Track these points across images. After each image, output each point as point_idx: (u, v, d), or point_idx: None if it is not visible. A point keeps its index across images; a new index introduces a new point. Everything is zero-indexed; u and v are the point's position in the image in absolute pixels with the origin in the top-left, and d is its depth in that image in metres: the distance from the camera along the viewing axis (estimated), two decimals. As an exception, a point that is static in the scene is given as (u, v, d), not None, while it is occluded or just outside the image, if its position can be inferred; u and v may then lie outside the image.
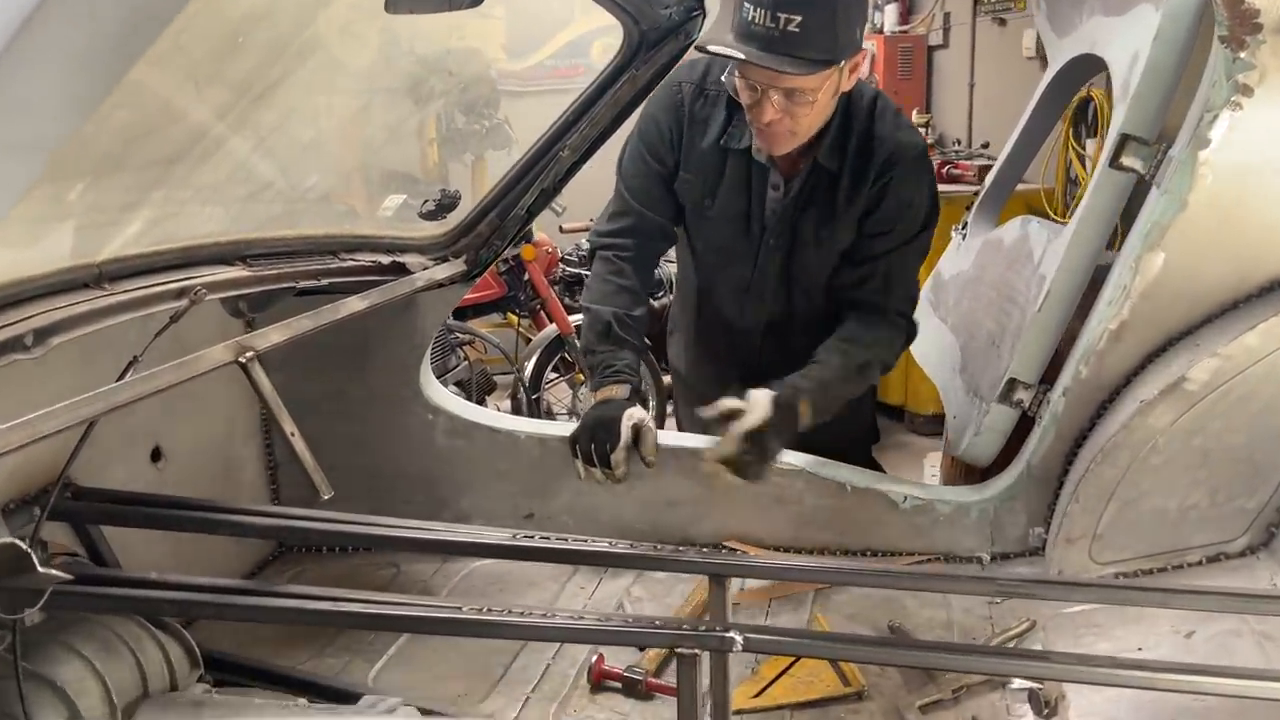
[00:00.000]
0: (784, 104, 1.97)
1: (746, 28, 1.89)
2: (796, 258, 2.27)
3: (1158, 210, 1.94)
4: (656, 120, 2.22)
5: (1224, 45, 1.81)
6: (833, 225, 2.20)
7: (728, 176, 2.23)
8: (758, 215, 2.25)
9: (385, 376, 2.35)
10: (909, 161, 2.14)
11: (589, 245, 2.40)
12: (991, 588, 1.42)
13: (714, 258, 2.38)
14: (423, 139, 5.39)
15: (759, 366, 2.43)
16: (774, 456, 2.01)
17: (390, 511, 2.41)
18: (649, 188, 2.27)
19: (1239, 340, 1.89)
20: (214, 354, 1.47)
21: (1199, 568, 2.05)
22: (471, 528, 1.62)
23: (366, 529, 1.58)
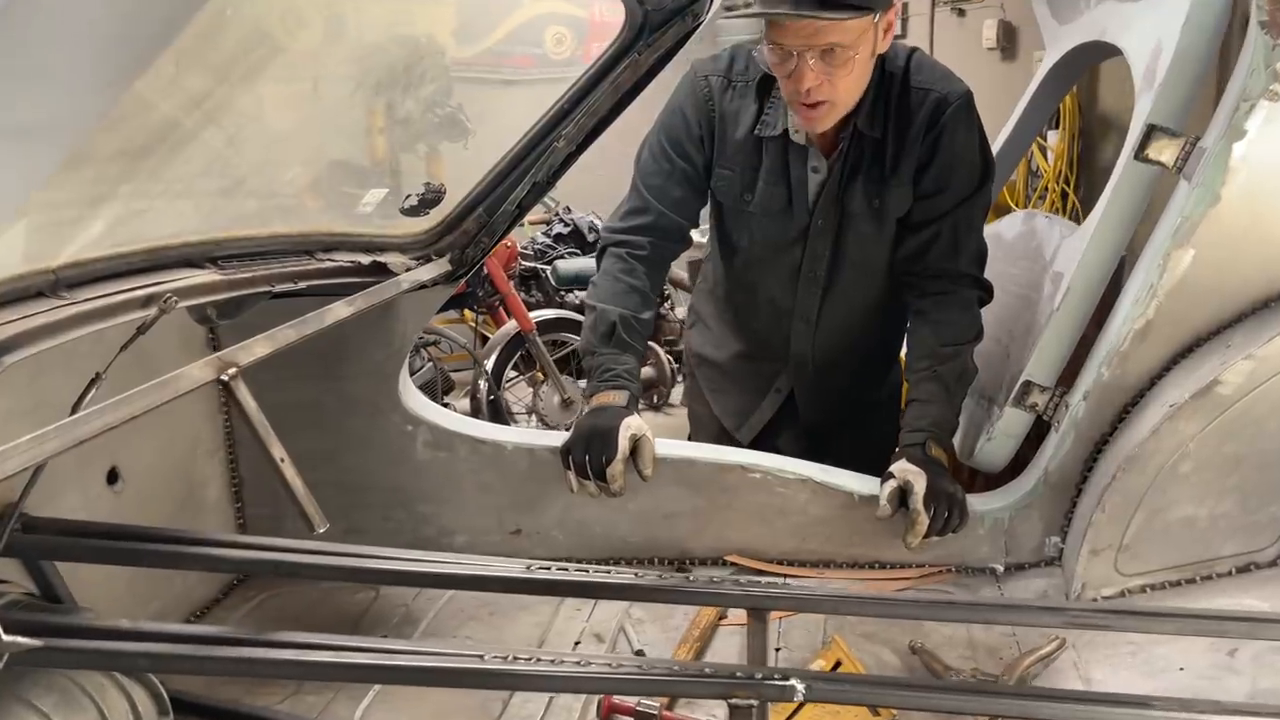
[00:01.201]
0: (822, 67, 1.89)
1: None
2: (848, 233, 2.20)
3: (1189, 204, 1.84)
4: (684, 115, 2.15)
5: (1263, 31, 1.72)
6: (885, 191, 2.13)
7: (765, 167, 2.16)
8: (801, 200, 2.17)
9: (362, 385, 2.18)
10: (955, 110, 2.07)
11: (600, 241, 2.27)
12: (1063, 619, 1.30)
13: (760, 250, 2.29)
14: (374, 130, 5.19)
15: (813, 352, 2.38)
16: (960, 493, 2.03)
17: (368, 528, 2.28)
18: (671, 187, 2.18)
19: (1275, 341, 1.81)
20: (193, 372, 1.29)
21: (1229, 579, 1.96)
22: (477, 559, 1.46)
23: (355, 561, 1.41)
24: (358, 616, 2.08)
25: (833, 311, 2.31)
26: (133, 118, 1.29)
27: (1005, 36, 5.98)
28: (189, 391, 1.27)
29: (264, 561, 1.43)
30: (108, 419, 1.16)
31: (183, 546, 1.46)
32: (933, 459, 2.05)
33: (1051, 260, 2.23)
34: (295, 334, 1.52)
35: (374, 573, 1.43)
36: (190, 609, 2.07)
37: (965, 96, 2.10)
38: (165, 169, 1.48)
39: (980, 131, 2.15)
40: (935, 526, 1.99)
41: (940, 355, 2.13)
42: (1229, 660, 1.72)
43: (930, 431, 2.08)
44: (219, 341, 2.06)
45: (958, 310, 2.17)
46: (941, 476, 2.02)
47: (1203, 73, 1.93)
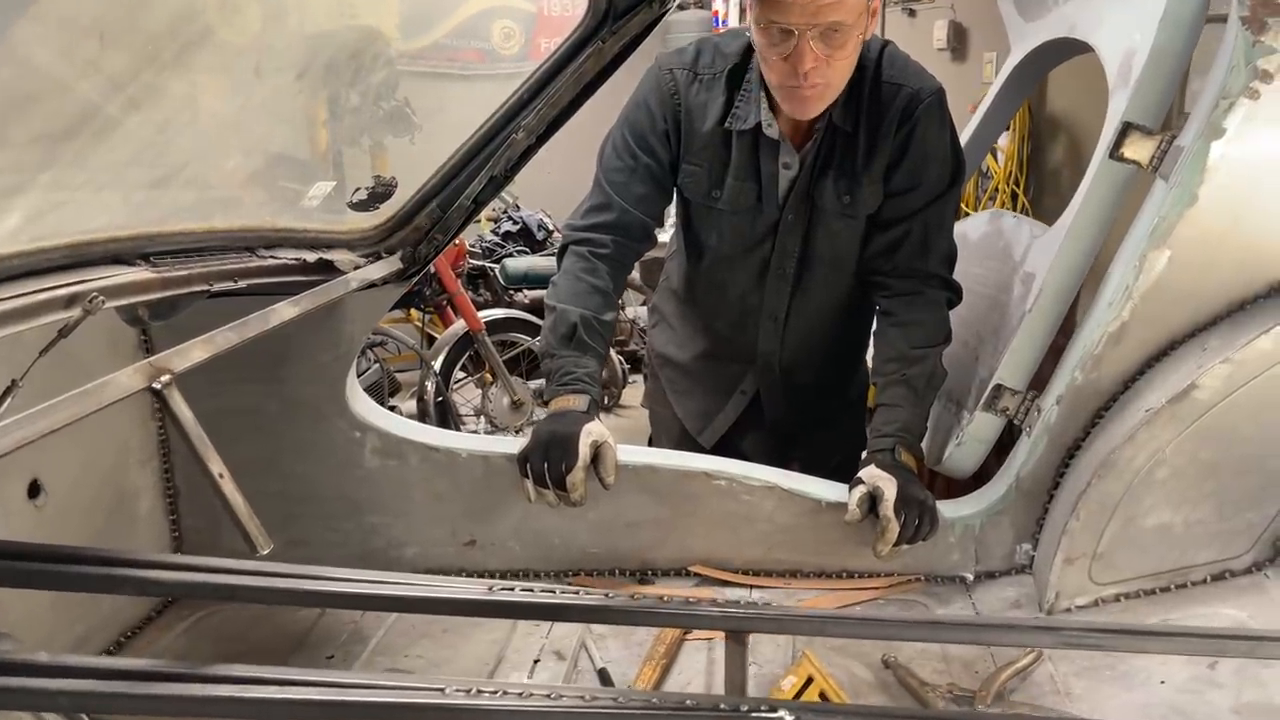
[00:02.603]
0: (821, 48, 1.83)
1: None
2: (818, 229, 2.15)
3: (1165, 205, 1.80)
4: (649, 109, 2.08)
5: (1244, 26, 1.68)
6: (856, 187, 2.08)
7: (734, 162, 2.09)
8: (771, 196, 2.12)
9: (306, 389, 2.06)
10: (928, 107, 2.03)
11: (561, 239, 2.18)
12: (1056, 639, 1.24)
13: (728, 248, 2.21)
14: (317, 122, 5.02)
15: (781, 351, 2.32)
16: (930, 500, 1.99)
17: (313, 540, 2.15)
18: (633, 183, 2.10)
19: (1252, 344, 1.77)
20: (122, 380, 1.17)
21: (1203, 587, 1.93)
22: (433, 580, 1.36)
23: (299, 583, 1.29)
24: (302, 635, 1.97)
25: (802, 309, 2.25)
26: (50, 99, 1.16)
27: (956, 37, 6.00)
28: (117, 401, 1.15)
29: (199, 584, 1.30)
30: (25, 432, 1.04)
31: (110, 568, 1.33)
32: (902, 465, 2.01)
33: (1021, 261, 2.18)
34: (236, 337, 1.40)
35: (320, 595, 1.31)
36: (121, 629, 1.94)
37: (938, 93, 2.06)
38: (90, 157, 1.35)
39: (952, 129, 2.11)
40: (906, 534, 1.94)
41: (909, 358, 2.09)
42: (1210, 673, 1.68)
43: (899, 436, 2.04)
44: (153, 344, 1.92)
45: (927, 311, 2.13)
46: (912, 483, 1.98)
47: (1180, 69, 1.89)
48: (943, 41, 6.02)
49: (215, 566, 1.34)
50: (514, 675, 1.83)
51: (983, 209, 5.70)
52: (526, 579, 2.17)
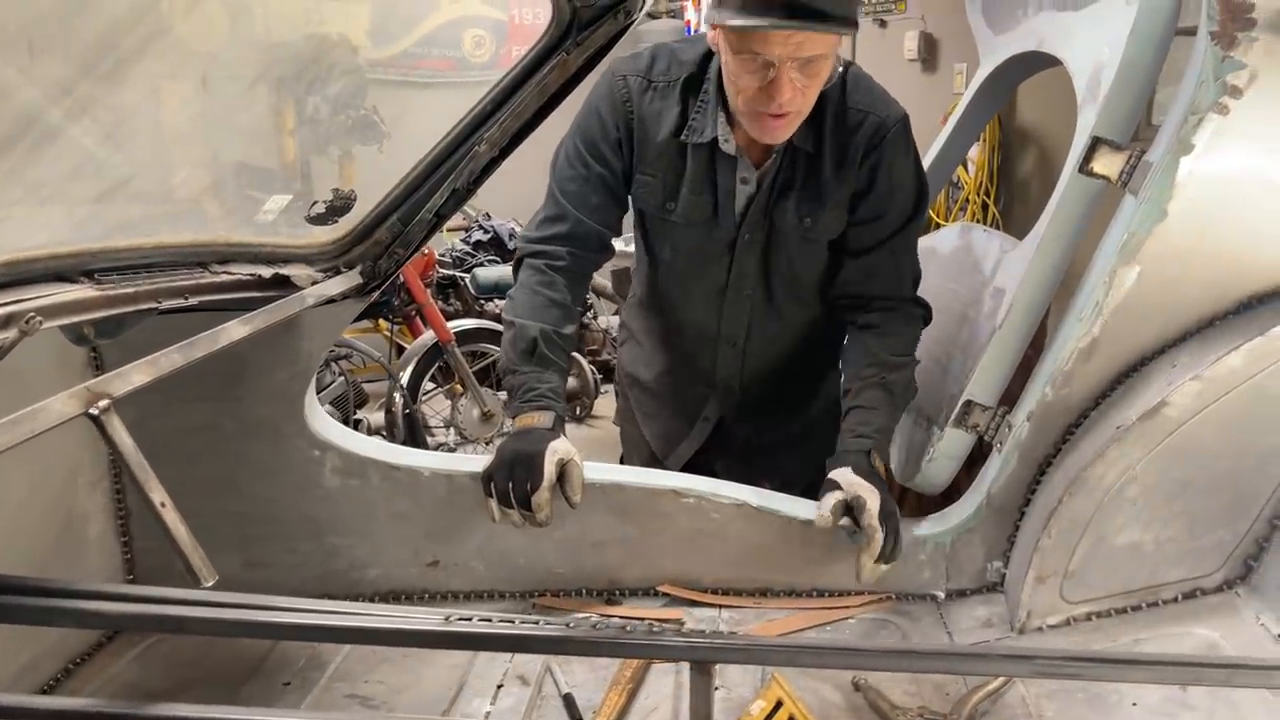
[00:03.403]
0: (800, 78, 1.80)
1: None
2: (777, 250, 2.10)
3: (1135, 220, 1.79)
4: (601, 117, 2.01)
5: (1213, 42, 1.67)
6: (819, 210, 2.04)
7: (690, 174, 2.03)
8: (728, 211, 2.06)
9: (264, 407, 2.00)
10: (894, 136, 2.00)
11: (516, 251, 2.13)
12: (1028, 668, 1.21)
13: (684, 264, 2.16)
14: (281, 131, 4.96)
15: (741, 376, 2.27)
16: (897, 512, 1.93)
17: (272, 562, 2.10)
18: (587, 192, 2.04)
19: (1222, 361, 1.75)
20: (55, 407, 1.12)
21: (1174, 605, 1.91)
22: (390, 609, 1.31)
23: (251, 614, 1.24)
24: (258, 661, 1.91)
25: (762, 334, 2.21)
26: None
27: (926, 48, 6.03)
28: (50, 429, 1.10)
29: (146, 616, 1.25)
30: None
31: (50, 599, 1.27)
32: (877, 472, 1.96)
33: (992, 276, 2.17)
34: (182, 358, 1.35)
35: (269, 626, 1.26)
36: (69, 657, 1.87)
37: (902, 120, 2.03)
38: (27, 170, 1.30)
39: (916, 156, 2.09)
40: (885, 550, 1.87)
41: (889, 364, 2.05)
42: (1182, 695, 1.66)
43: (874, 439, 1.99)
44: (103, 362, 1.87)
45: (905, 325, 2.11)
46: (888, 494, 1.92)
47: (1149, 85, 1.88)
48: (914, 52, 6.04)
49: (161, 597, 1.29)
50: (476, 702, 1.78)
51: (953, 219, 5.71)
52: (491, 600, 2.13)
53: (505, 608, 2.11)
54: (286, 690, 1.84)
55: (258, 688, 1.85)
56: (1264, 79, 1.67)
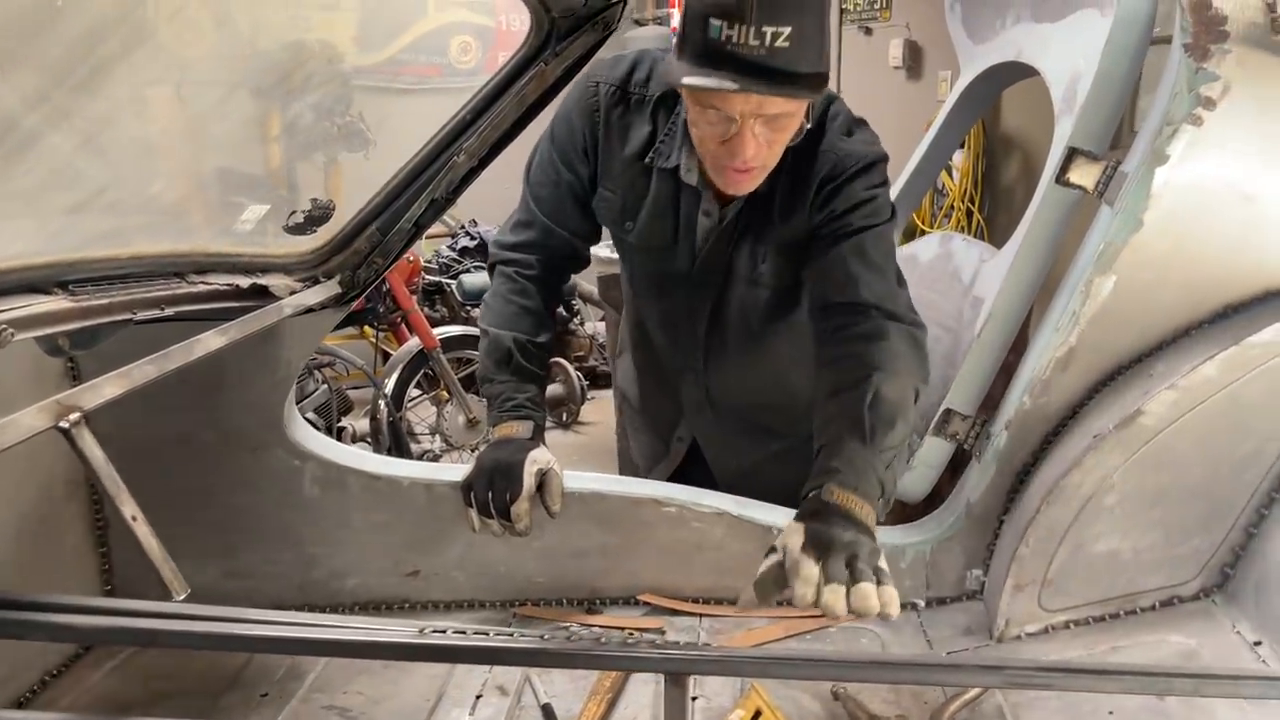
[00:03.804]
0: (765, 134, 1.68)
1: (720, 49, 1.55)
2: (730, 294, 2.01)
3: (1111, 230, 1.80)
4: (570, 123, 1.94)
5: (1187, 54, 1.68)
6: (766, 256, 1.93)
7: (651, 198, 1.94)
8: (686, 244, 1.97)
9: (243, 417, 2.00)
10: (854, 171, 1.82)
11: (489, 255, 2.11)
12: (1002, 679, 1.21)
13: (643, 285, 2.13)
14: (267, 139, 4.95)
15: (707, 403, 2.21)
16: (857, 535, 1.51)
17: (251, 572, 2.09)
18: (559, 199, 1.99)
19: (1198, 370, 1.76)
20: (25, 420, 1.12)
21: (1152, 613, 1.92)
22: (364, 621, 1.31)
23: (225, 627, 1.24)
24: (236, 672, 1.90)
25: (719, 364, 2.13)
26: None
27: (911, 56, 6.05)
28: (20, 443, 1.09)
29: (119, 630, 1.25)
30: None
31: (24, 613, 1.27)
32: (829, 504, 1.57)
33: (971, 284, 2.18)
34: (155, 370, 1.35)
35: (246, 640, 1.26)
36: (45, 669, 1.87)
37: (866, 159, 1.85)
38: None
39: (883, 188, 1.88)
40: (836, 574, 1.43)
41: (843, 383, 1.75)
42: (1158, 703, 1.66)
43: (825, 476, 1.61)
44: (80, 373, 1.86)
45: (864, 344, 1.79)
46: (832, 523, 1.52)
47: (1124, 96, 1.89)
48: (898, 60, 6.06)
49: (134, 610, 1.29)
50: (455, 712, 1.78)
51: (939, 226, 5.73)
52: (472, 609, 2.13)
53: (486, 617, 2.10)
54: (264, 702, 1.83)
55: (236, 699, 1.84)
56: (1237, 90, 1.68)
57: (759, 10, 1.51)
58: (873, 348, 1.75)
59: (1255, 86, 1.69)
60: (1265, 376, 1.75)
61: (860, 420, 1.66)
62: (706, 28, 1.54)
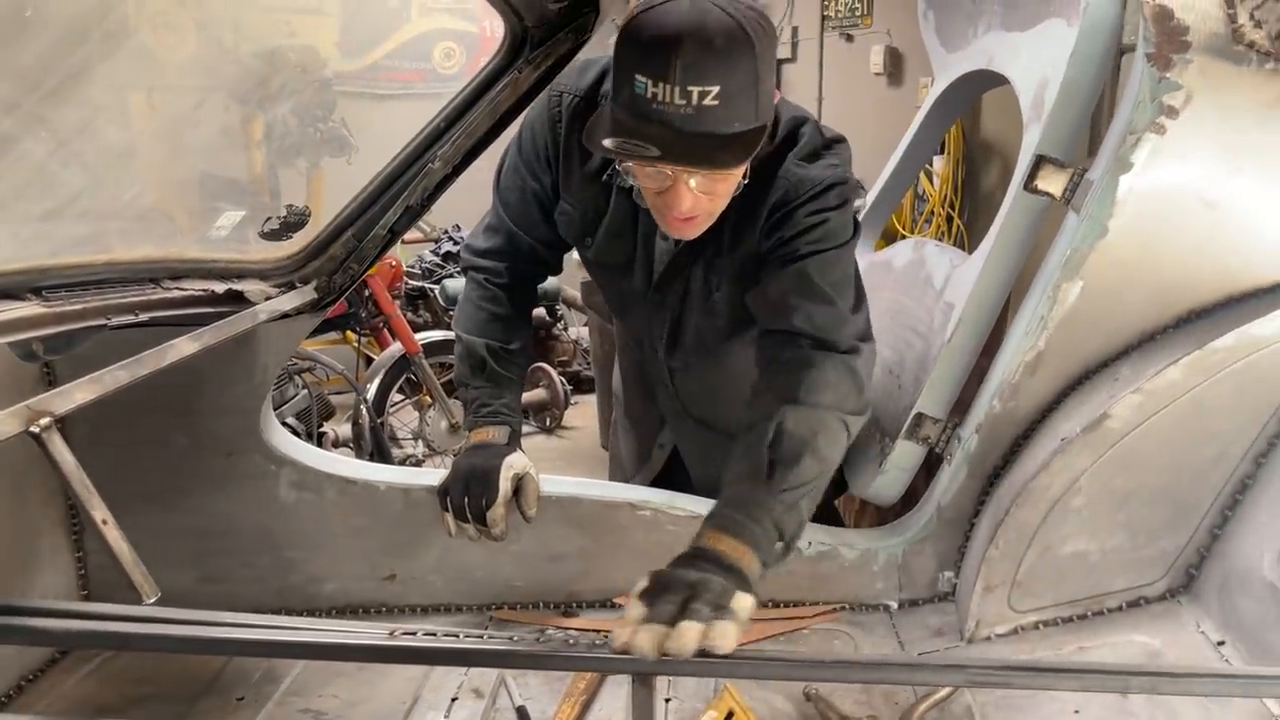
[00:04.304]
0: (705, 184, 1.60)
1: (646, 107, 1.47)
2: (687, 316, 1.98)
3: (1077, 237, 1.83)
4: (534, 132, 1.89)
5: (1149, 64, 1.71)
6: (721, 283, 1.89)
7: (610, 216, 1.89)
8: (644, 265, 1.93)
9: (220, 422, 2.01)
10: (806, 197, 1.73)
11: (460, 264, 2.12)
12: (964, 677, 1.24)
13: (608, 298, 2.15)
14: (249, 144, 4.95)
15: (682, 414, 2.22)
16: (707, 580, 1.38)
17: (227, 576, 2.10)
18: (525, 207, 1.96)
19: (1162, 375, 1.79)
20: (-5, 424, 1.13)
21: (1119, 613, 1.95)
22: (337, 624, 1.33)
23: (198, 630, 1.25)
24: (213, 676, 1.91)
25: (684, 382, 2.13)
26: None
27: (892, 63, 6.08)
28: (-10, 447, 1.11)
29: (93, 634, 1.26)
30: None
31: (9, 617, 1.28)
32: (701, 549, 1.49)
33: (942, 290, 2.20)
34: (127, 375, 1.36)
35: (220, 643, 1.27)
36: (22, 674, 1.87)
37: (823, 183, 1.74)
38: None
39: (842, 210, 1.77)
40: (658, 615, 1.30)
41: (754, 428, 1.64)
42: (1122, 701, 1.69)
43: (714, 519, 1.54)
44: (55, 378, 1.87)
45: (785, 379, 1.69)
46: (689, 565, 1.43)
47: (1090, 104, 1.92)
48: (879, 67, 6.09)
49: (107, 614, 1.29)
50: (431, 715, 1.79)
51: (919, 231, 5.77)
52: (449, 613, 2.14)
53: (463, 621, 2.11)
54: (240, 705, 1.84)
55: (212, 703, 1.85)
56: (1199, 100, 1.72)
57: (684, 71, 1.43)
58: (792, 379, 1.67)
59: (1217, 95, 1.72)
60: (1228, 380, 1.78)
61: (759, 461, 1.58)
62: (633, 83, 1.47)
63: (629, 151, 1.50)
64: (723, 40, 1.45)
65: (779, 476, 1.57)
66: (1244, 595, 1.81)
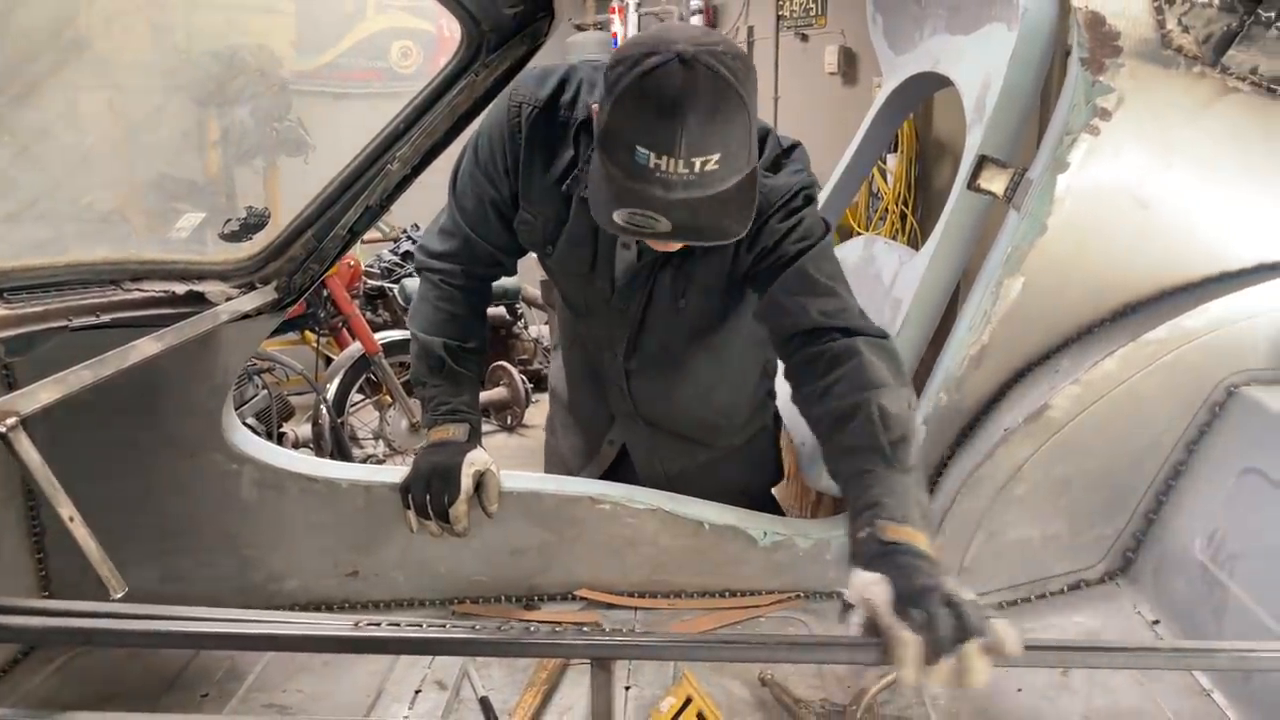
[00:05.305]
0: None
1: (648, 175, 1.49)
2: (651, 324, 2.02)
3: (1018, 234, 1.90)
4: (492, 141, 1.90)
5: (1084, 68, 1.78)
6: (687, 290, 1.94)
7: (571, 224, 1.91)
8: (605, 273, 1.96)
9: (181, 422, 2.02)
10: (780, 204, 1.79)
11: (415, 264, 2.14)
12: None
13: (568, 302, 2.17)
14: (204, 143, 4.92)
15: (634, 415, 2.26)
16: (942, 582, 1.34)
17: (189, 575, 2.11)
18: (482, 213, 1.98)
19: (1099, 366, 1.87)
20: (-38, 425, 1.15)
21: (1060, 596, 2.02)
22: (301, 617, 1.35)
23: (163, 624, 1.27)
24: (176, 673, 1.92)
25: (641, 386, 2.18)
26: None
27: (846, 62, 6.17)
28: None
29: (57, 630, 1.27)
30: None
31: (-38, 615, 1.29)
32: (893, 544, 1.43)
33: (891, 286, 2.27)
34: (91, 376, 1.38)
35: (184, 636, 1.30)
36: (-17, 673, 1.87)
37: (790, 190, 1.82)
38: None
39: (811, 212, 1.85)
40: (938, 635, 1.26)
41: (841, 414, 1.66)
42: (1063, 679, 1.76)
43: (872, 512, 1.49)
44: (15, 379, 1.87)
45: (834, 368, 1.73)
46: (913, 572, 1.36)
47: (1029, 106, 1.99)
48: (834, 66, 6.18)
49: (70, 610, 1.31)
50: (395, 707, 1.82)
51: (874, 228, 5.86)
52: (412, 609, 2.16)
53: (425, 615, 2.14)
54: (205, 702, 1.86)
55: (176, 700, 1.86)
56: (1131, 102, 1.79)
57: (688, 147, 1.46)
58: (852, 368, 1.68)
59: (1148, 97, 1.80)
60: (1161, 371, 1.87)
61: (879, 446, 1.57)
62: (633, 153, 1.48)
63: (639, 228, 1.53)
64: (721, 108, 1.47)
65: (902, 457, 1.57)
66: (1177, 576, 1.89)
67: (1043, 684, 1.77)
